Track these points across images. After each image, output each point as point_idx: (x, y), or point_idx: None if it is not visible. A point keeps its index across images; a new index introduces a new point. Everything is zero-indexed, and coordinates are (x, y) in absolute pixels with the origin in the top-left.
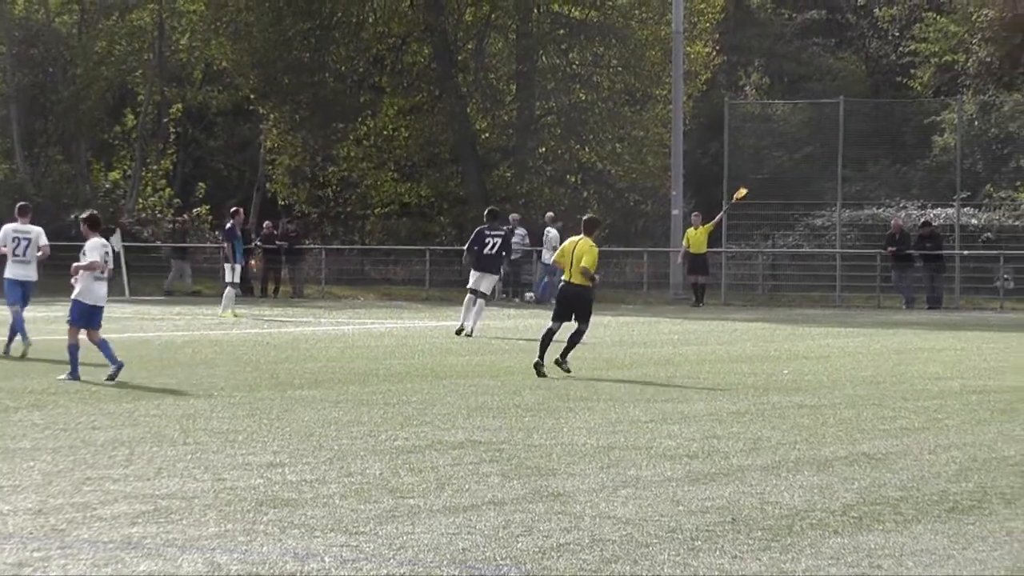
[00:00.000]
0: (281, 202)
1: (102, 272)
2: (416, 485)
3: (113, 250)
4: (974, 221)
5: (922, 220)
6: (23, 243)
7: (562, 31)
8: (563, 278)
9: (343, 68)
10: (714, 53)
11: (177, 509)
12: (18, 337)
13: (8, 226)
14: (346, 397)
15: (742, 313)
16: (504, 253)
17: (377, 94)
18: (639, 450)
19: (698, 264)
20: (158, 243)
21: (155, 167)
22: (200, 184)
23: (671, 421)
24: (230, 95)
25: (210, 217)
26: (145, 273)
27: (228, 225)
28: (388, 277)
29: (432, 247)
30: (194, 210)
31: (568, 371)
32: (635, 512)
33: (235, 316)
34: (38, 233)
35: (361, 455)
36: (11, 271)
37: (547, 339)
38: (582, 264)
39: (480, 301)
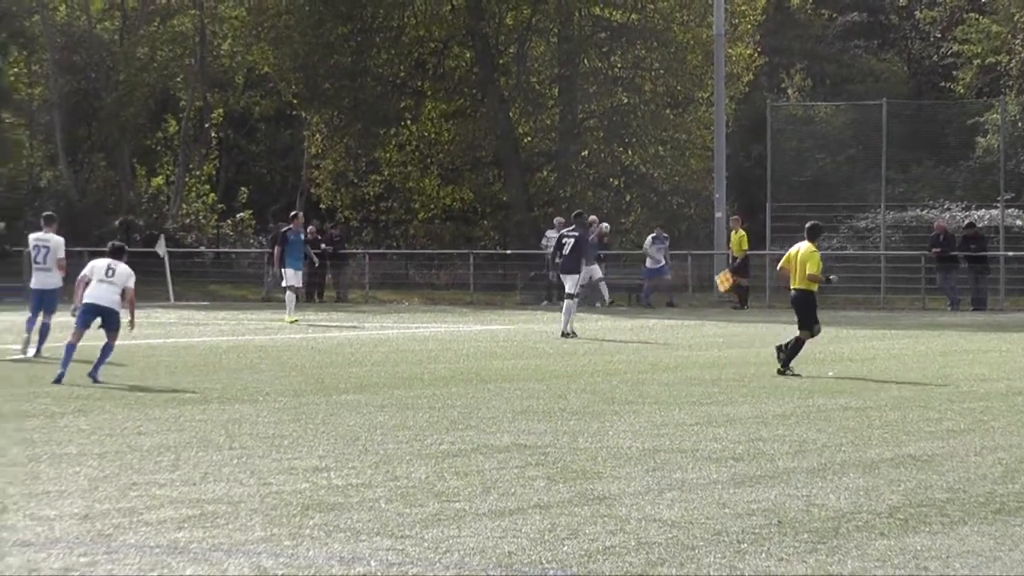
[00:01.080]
0: (323, 207)
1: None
2: (461, 489)
3: (158, 255)
4: (1019, 222)
5: (966, 222)
6: (43, 251)
7: (603, 34)
8: (791, 285)
9: (384, 72)
10: (756, 55)
11: (223, 514)
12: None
13: (32, 236)
14: (391, 401)
15: (787, 316)
16: (579, 252)
17: (419, 98)
18: (684, 453)
19: (738, 267)
20: (202, 248)
21: (198, 172)
22: (243, 189)
23: (716, 424)
24: (272, 101)
25: (253, 222)
26: (189, 278)
27: (284, 230)
28: (432, 281)
29: (475, 251)
30: (237, 215)
31: (798, 374)
32: (680, 515)
33: (290, 322)
34: (57, 243)
35: (406, 459)
36: (33, 280)
37: (799, 345)
38: (808, 271)
39: (567, 302)
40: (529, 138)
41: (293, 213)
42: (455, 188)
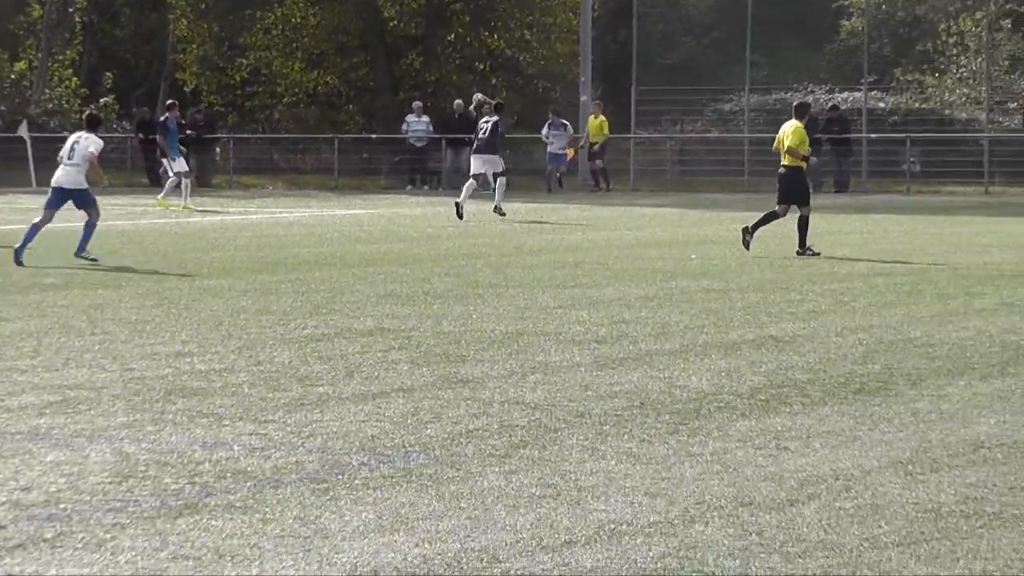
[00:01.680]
0: (188, 92)
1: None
2: (324, 373)
3: (22, 140)
4: (881, 105)
5: (830, 104)
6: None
7: None
8: (781, 163)
9: None
10: None
11: (85, 399)
12: None
13: None
14: (254, 286)
15: (651, 199)
16: (495, 137)
17: None
18: (547, 336)
19: (598, 151)
20: (65, 134)
21: (61, 57)
22: (107, 74)
23: (579, 307)
24: None
25: (117, 107)
26: (52, 164)
27: (163, 118)
28: (297, 166)
29: (341, 135)
30: (101, 100)
31: (817, 253)
32: (544, 397)
33: (167, 206)
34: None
35: (270, 344)
36: None
37: (769, 218)
38: (787, 144)
39: (471, 182)
40: (395, 22)
41: (170, 102)
42: (320, 73)
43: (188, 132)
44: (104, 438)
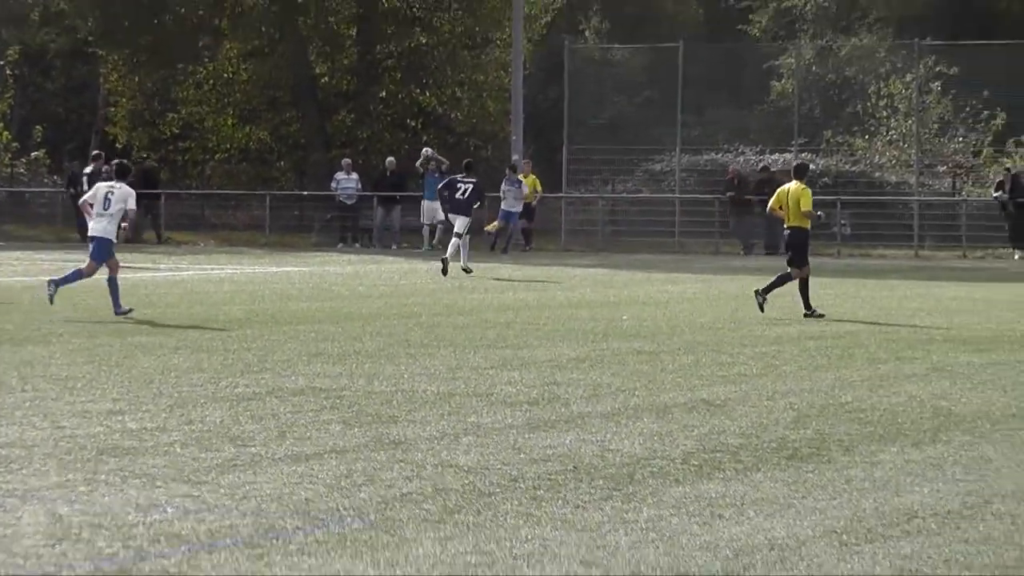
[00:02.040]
0: (119, 146)
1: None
2: (257, 433)
3: None
4: (812, 167)
5: (761, 165)
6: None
7: None
8: (787, 224)
9: (183, 10)
10: None
11: (16, 458)
12: None
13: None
14: (185, 343)
15: (581, 259)
16: (476, 200)
17: (217, 37)
18: (480, 397)
19: (525, 209)
20: None
21: None
22: (38, 127)
23: (511, 367)
24: (68, 38)
25: (48, 161)
26: None
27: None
28: (228, 222)
29: (272, 192)
30: (32, 154)
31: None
32: (477, 460)
33: None
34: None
35: (202, 402)
36: None
37: (783, 279)
38: (802, 207)
39: (456, 239)
40: (327, 78)
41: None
42: (252, 128)
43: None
44: (37, 499)
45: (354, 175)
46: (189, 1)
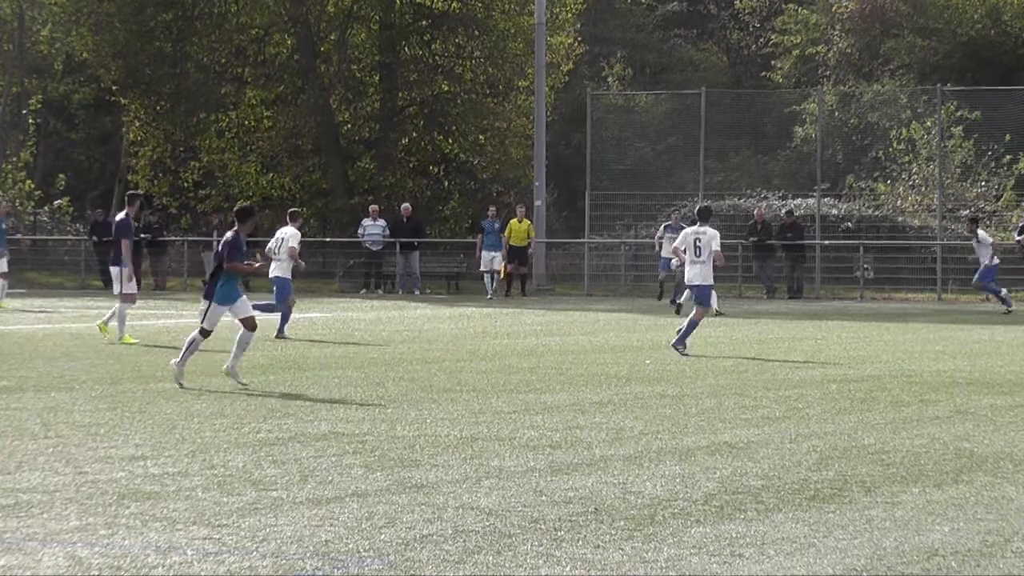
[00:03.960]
0: (142, 194)
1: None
2: (279, 477)
3: None
4: (834, 211)
5: (785, 210)
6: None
7: (424, 22)
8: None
9: (205, 59)
10: (576, 44)
11: (38, 503)
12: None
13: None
14: (208, 389)
15: (604, 303)
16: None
17: (239, 85)
18: (502, 441)
19: (518, 254)
20: (19, 236)
21: (15, 159)
22: (61, 176)
23: (534, 411)
24: (92, 88)
25: (71, 210)
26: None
27: (121, 217)
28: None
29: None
30: (55, 202)
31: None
32: (498, 503)
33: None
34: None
35: (224, 448)
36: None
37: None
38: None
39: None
40: (349, 126)
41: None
42: (275, 175)
43: (143, 235)
44: (57, 542)
45: (381, 221)
46: (211, 50)
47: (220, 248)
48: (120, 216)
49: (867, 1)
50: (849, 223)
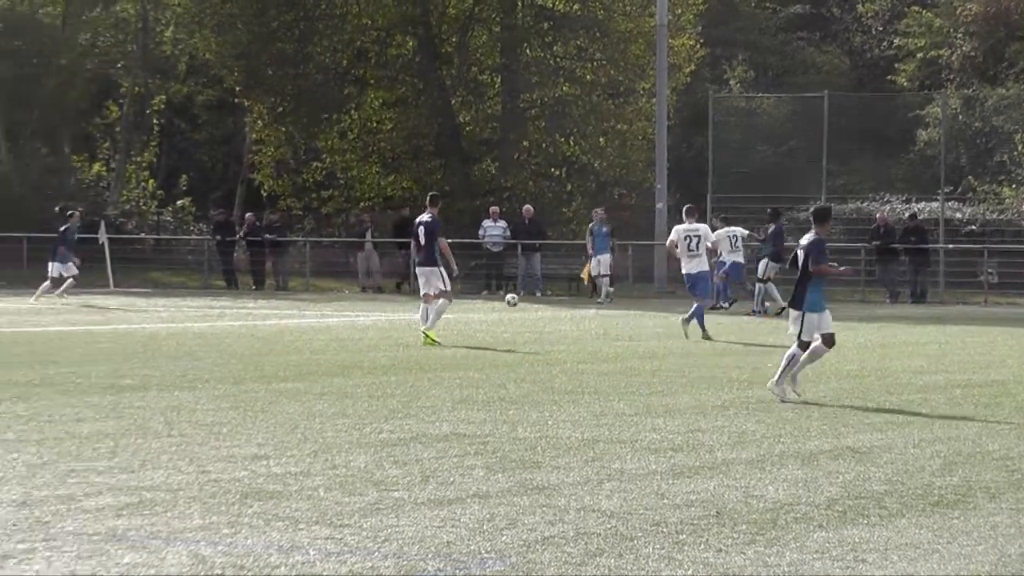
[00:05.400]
0: (264, 194)
1: None
2: (401, 478)
3: (98, 241)
4: (958, 215)
5: (908, 214)
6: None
7: (546, 24)
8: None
9: (327, 60)
10: (698, 46)
11: (162, 501)
12: None
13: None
14: (331, 390)
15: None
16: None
17: (361, 87)
18: (624, 443)
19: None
20: (142, 235)
21: (138, 159)
22: (183, 176)
23: (656, 414)
24: (214, 88)
25: (193, 209)
26: (129, 265)
27: (428, 218)
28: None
29: (407, 239)
30: (177, 202)
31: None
32: (620, 505)
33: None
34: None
35: (346, 448)
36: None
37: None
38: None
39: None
40: (470, 127)
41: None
42: (396, 177)
43: (266, 235)
44: (180, 540)
45: (502, 223)
46: (333, 51)
47: (802, 251)
48: (427, 217)
49: (991, 3)
50: (973, 227)
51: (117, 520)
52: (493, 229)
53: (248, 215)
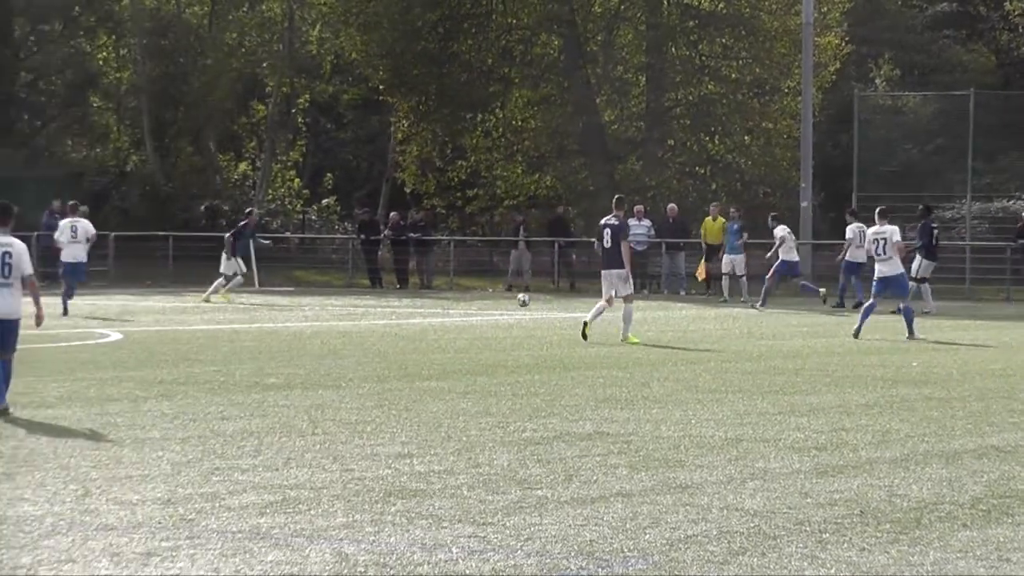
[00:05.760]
0: (408, 193)
1: None
2: (544, 476)
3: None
4: None
5: None
6: None
7: (691, 23)
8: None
9: (472, 59)
10: (843, 44)
11: (305, 499)
12: None
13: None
14: (474, 388)
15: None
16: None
17: (506, 85)
18: (767, 442)
19: (714, 253)
20: (287, 234)
21: (283, 158)
22: (328, 175)
23: (799, 413)
24: (359, 87)
25: (339, 208)
26: (274, 264)
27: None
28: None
29: (560, 239)
30: (323, 201)
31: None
32: (763, 504)
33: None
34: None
35: (489, 446)
36: None
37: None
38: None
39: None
40: (615, 126)
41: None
42: (541, 175)
43: (410, 234)
44: (324, 538)
45: (646, 221)
46: (477, 49)
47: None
48: (613, 219)
49: None
50: None
51: (260, 518)
52: (637, 228)
53: (393, 214)
